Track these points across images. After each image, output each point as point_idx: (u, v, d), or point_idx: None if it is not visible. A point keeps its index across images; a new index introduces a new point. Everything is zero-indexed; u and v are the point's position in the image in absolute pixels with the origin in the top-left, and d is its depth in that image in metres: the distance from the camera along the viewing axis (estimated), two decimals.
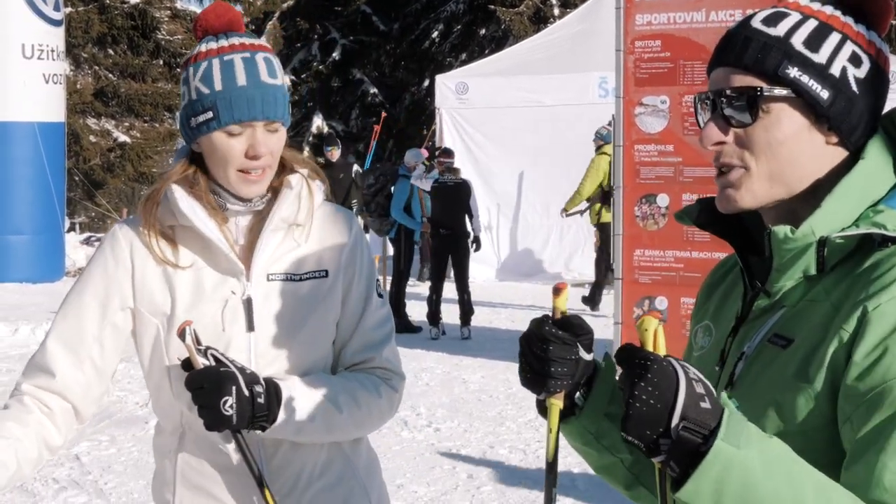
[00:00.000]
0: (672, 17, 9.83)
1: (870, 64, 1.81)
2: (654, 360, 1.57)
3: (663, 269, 10.07)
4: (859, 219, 1.78)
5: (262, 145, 2.53)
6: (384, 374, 2.72)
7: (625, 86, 10.05)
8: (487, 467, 7.85)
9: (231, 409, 2.37)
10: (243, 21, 2.66)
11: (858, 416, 1.64)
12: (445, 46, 33.77)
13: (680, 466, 1.56)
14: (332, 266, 2.67)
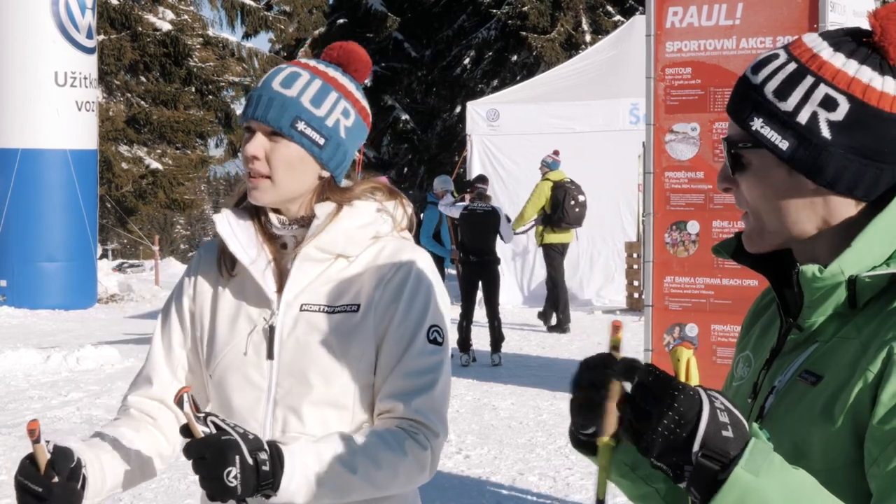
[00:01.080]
0: (702, 45, 9.81)
1: (849, 104, 1.75)
2: (683, 389, 1.58)
3: (693, 297, 10.02)
4: (891, 258, 1.77)
5: (251, 146, 2.53)
6: (412, 428, 2.51)
7: (655, 113, 10.03)
8: (517, 494, 7.83)
9: (235, 479, 2.24)
10: (358, 64, 2.64)
11: (885, 456, 1.64)
12: (477, 73, 33.86)
13: (700, 493, 1.57)
14: (366, 301, 2.55)
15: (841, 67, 1.76)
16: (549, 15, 31.51)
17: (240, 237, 2.60)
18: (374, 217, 2.62)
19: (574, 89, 19.18)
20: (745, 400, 1.95)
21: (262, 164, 2.53)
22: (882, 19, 1.76)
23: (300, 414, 2.53)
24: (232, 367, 2.56)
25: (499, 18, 32.67)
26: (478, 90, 31.80)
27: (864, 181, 1.78)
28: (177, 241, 63.17)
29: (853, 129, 1.76)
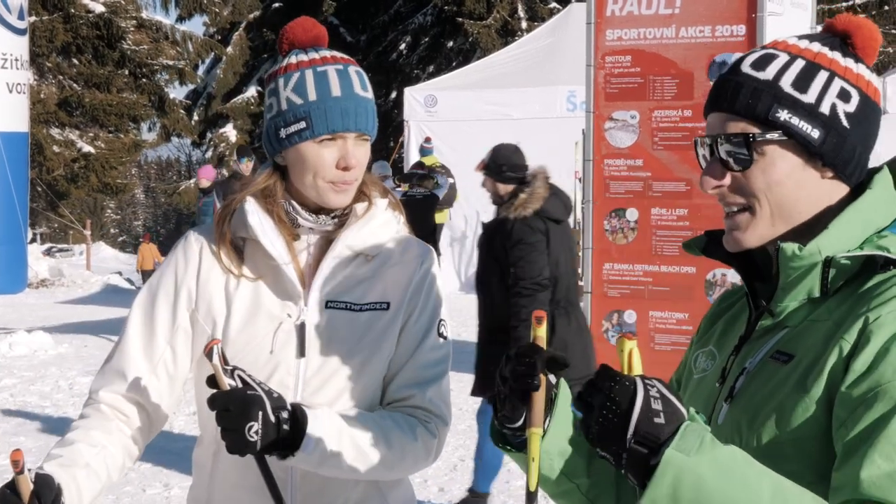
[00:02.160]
0: (642, 33, 9.87)
1: (859, 97, 1.87)
2: (619, 380, 1.67)
3: (632, 283, 10.09)
4: (864, 243, 1.85)
5: (353, 156, 2.51)
6: (424, 416, 2.59)
7: (595, 100, 10.08)
8: (458, 481, 7.85)
9: (256, 434, 2.27)
10: (327, 37, 2.66)
11: (852, 419, 1.70)
12: (413, 58, 33.83)
13: (637, 478, 1.66)
14: (396, 299, 2.59)
15: (845, 64, 1.89)
16: (486, 1, 31.55)
17: (266, 229, 2.56)
18: (390, 216, 2.66)
19: (512, 76, 19.21)
20: (713, 385, 2.01)
21: (358, 171, 2.55)
22: (846, 23, 1.92)
23: None
24: (256, 366, 2.51)
25: (435, 4, 32.66)
26: (413, 76, 31.78)
27: (860, 167, 1.90)
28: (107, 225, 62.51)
29: (862, 120, 1.88)
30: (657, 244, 9.88)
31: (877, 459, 1.65)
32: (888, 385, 1.68)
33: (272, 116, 2.55)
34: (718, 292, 9.52)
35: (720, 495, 1.60)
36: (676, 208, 9.84)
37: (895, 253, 1.82)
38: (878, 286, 1.80)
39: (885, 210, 1.89)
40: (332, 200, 2.55)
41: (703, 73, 9.50)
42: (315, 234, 2.61)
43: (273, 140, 2.55)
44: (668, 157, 9.79)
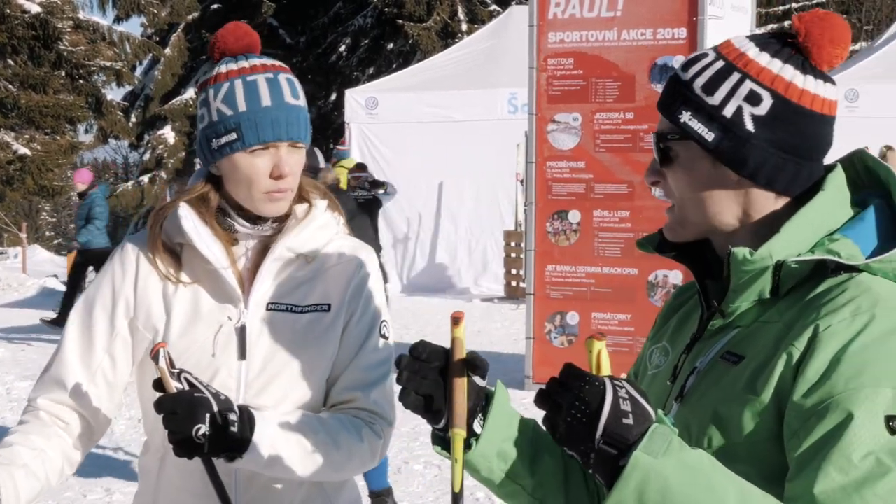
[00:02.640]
0: (584, 36, 9.94)
1: (772, 100, 1.85)
2: (589, 380, 1.67)
3: (574, 285, 10.16)
4: (815, 246, 1.85)
5: (286, 165, 2.49)
6: (369, 418, 2.58)
7: (538, 103, 10.14)
8: (402, 483, 7.83)
9: (203, 437, 2.27)
10: (259, 43, 2.63)
11: (804, 429, 1.71)
12: (353, 60, 33.76)
13: (604, 478, 1.66)
14: (337, 300, 2.59)
15: (765, 65, 1.87)
16: (426, 3, 31.56)
17: (202, 234, 2.55)
18: (329, 217, 2.65)
19: (453, 78, 19.26)
20: (665, 383, 2.02)
21: (293, 179, 2.53)
22: (806, 22, 1.87)
23: None
24: (198, 370, 2.48)
25: (375, 6, 32.62)
26: (353, 78, 31.72)
27: (783, 175, 1.87)
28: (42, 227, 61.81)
29: (775, 124, 1.85)
30: (599, 246, 9.95)
31: (831, 472, 1.66)
32: (840, 396, 1.69)
33: (204, 127, 2.54)
34: (660, 294, 9.60)
35: (685, 499, 1.61)
36: (618, 210, 9.91)
37: (846, 257, 1.82)
38: (829, 292, 1.81)
39: (836, 211, 1.88)
40: (268, 209, 2.54)
41: (645, 76, 9.58)
42: (254, 238, 2.60)
43: (206, 151, 2.54)
44: (610, 160, 9.87)
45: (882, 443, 1.66)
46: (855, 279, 1.81)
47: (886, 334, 1.73)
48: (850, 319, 1.75)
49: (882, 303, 1.76)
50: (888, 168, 1.92)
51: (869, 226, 1.87)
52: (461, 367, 1.93)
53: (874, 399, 1.68)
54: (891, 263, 1.82)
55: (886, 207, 1.90)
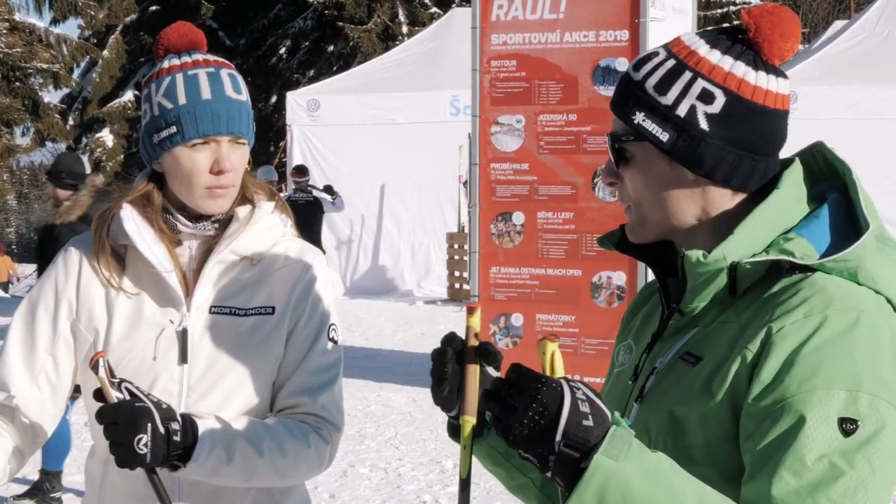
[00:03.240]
0: (527, 38, 9.95)
1: (725, 98, 1.84)
2: (546, 382, 1.64)
3: (519, 287, 10.16)
4: (770, 245, 1.84)
5: (227, 160, 2.46)
6: (316, 423, 2.54)
7: (481, 105, 10.13)
8: (349, 487, 7.82)
9: (145, 447, 2.23)
10: (205, 41, 2.61)
11: (759, 431, 1.70)
12: (293, 63, 33.64)
13: (564, 481, 1.63)
14: (281, 303, 2.55)
15: (717, 63, 1.85)
16: (366, 6, 31.53)
17: (145, 236, 2.52)
18: (275, 219, 2.61)
19: (395, 81, 19.26)
20: (626, 382, 2.01)
21: (234, 174, 2.50)
22: (756, 17, 1.86)
23: None
24: (139, 374, 2.46)
25: (315, 8, 32.53)
26: (294, 80, 31.61)
27: (739, 172, 1.87)
28: None
29: (729, 121, 1.84)
30: (543, 247, 9.96)
31: (785, 476, 1.65)
32: (793, 399, 1.68)
33: (146, 123, 2.51)
34: (604, 295, 9.63)
35: (646, 502, 1.60)
36: (562, 212, 9.92)
37: (800, 256, 1.81)
38: (783, 292, 1.80)
39: (792, 209, 1.87)
40: (209, 206, 2.51)
41: (588, 78, 9.60)
42: (197, 239, 2.57)
43: (147, 146, 2.52)
44: (553, 161, 9.88)
45: (835, 445, 1.66)
46: (809, 279, 1.80)
47: (839, 335, 1.72)
48: (802, 321, 1.74)
49: (835, 303, 1.75)
50: (845, 163, 1.91)
51: (823, 224, 1.86)
52: (473, 354, 1.92)
53: (827, 401, 1.67)
54: (844, 263, 1.80)
55: (843, 202, 1.88)
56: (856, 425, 1.67)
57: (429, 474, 8.13)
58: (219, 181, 2.48)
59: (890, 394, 1.70)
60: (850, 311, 1.74)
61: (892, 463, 1.70)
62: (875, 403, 1.69)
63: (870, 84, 18.16)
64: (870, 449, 1.67)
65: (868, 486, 1.66)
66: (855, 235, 1.82)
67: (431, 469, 8.25)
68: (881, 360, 1.72)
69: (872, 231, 1.82)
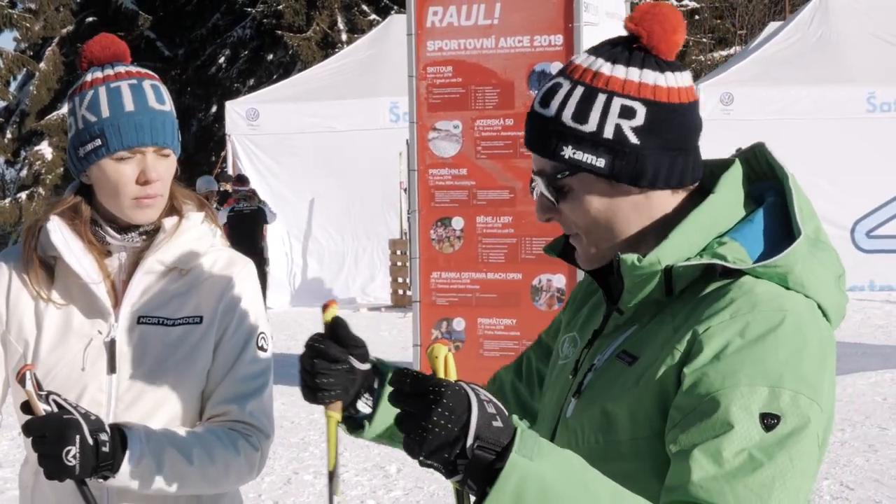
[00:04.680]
0: (463, 44, 10.01)
1: (646, 108, 1.87)
2: (448, 386, 1.62)
3: (460, 291, 10.21)
4: (705, 249, 1.88)
5: (153, 170, 2.50)
6: (245, 430, 2.58)
7: (418, 111, 10.18)
8: (292, 494, 7.82)
9: (74, 458, 2.24)
10: (129, 53, 2.64)
11: (684, 423, 1.75)
12: (233, 72, 33.52)
13: (478, 484, 1.61)
14: (208, 313, 2.58)
15: (626, 77, 1.88)
16: (305, 14, 31.48)
17: (73, 248, 2.54)
18: (205, 229, 2.65)
19: (333, 88, 19.24)
20: (567, 377, 2.05)
21: (160, 184, 2.53)
22: (642, 22, 1.90)
23: None
24: (67, 384, 2.50)
25: (254, 17, 32.44)
26: (234, 89, 31.50)
27: (676, 171, 1.91)
28: None
29: (655, 128, 1.88)
30: (483, 252, 10.02)
31: (705, 464, 1.69)
32: (717, 393, 1.73)
33: (72, 136, 2.55)
34: (545, 297, 9.70)
35: (563, 498, 1.60)
36: (501, 216, 10.00)
37: (732, 261, 1.85)
38: (713, 294, 1.85)
39: (728, 212, 1.92)
40: (137, 216, 2.55)
41: (524, 83, 9.68)
42: (126, 250, 2.60)
43: (74, 159, 2.55)
44: (491, 166, 9.94)
45: (756, 439, 1.70)
46: (738, 282, 1.84)
47: (763, 335, 1.77)
48: (729, 321, 1.79)
49: (760, 305, 1.80)
50: (784, 169, 1.95)
51: (758, 228, 1.90)
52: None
53: (750, 397, 1.72)
54: (775, 268, 1.84)
55: (780, 205, 1.93)
56: (777, 420, 1.72)
57: (372, 479, 8.15)
58: (146, 191, 2.51)
59: (812, 391, 1.75)
60: (775, 312, 1.79)
61: (811, 457, 1.75)
62: (796, 400, 1.74)
63: (804, 84, 18.40)
64: (789, 443, 1.71)
65: (786, 479, 1.70)
66: (789, 240, 1.86)
67: (375, 474, 8.27)
68: (804, 359, 1.77)
69: (805, 237, 1.87)
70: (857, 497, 7.41)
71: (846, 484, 7.70)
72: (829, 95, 18.19)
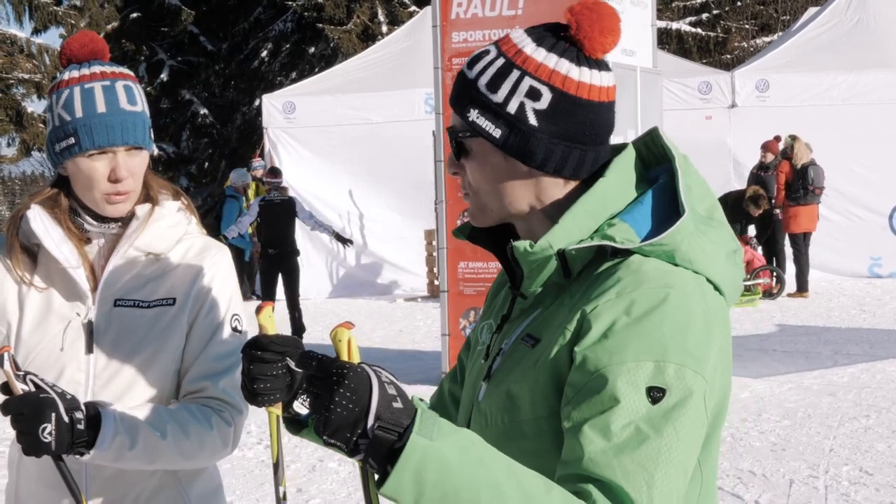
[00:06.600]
0: (487, 35, 10.07)
1: (551, 94, 1.94)
2: (350, 368, 1.67)
3: (487, 281, 10.28)
4: (596, 231, 1.95)
5: (123, 168, 2.64)
6: (218, 406, 2.69)
7: (444, 102, 10.25)
8: (317, 481, 7.93)
9: (50, 435, 2.36)
10: (108, 50, 2.76)
11: (575, 399, 1.82)
12: (275, 65, 33.69)
13: (379, 463, 1.66)
14: (181, 295, 2.72)
15: (542, 61, 1.95)
16: (345, 6, 31.58)
17: (52, 235, 2.69)
18: (180, 217, 2.79)
19: (370, 80, 19.32)
20: (481, 362, 2.13)
21: (130, 181, 2.66)
22: (577, 15, 1.96)
23: (117, 405, 2.61)
24: (47, 364, 2.65)
25: (295, 11, 32.59)
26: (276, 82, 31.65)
27: (569, 162, 1.98)
28: None
29: (556, 116, 1.95)
30: None
31: (595, 438, 1.76)
32: (605, 369, 1.79)
33: (49, 131, 2.69)
34: None
35: (463, 476, 1.66)
36: None
37: (620, 241, 1.91)
38: (603, 275, 1.91)
39: (618, 195, 1.98)
40: (108, 210, 2.70)
41: None
42: (105, 237, 2.74)
43: (52, 153, 2.69)
44: None
45: (643, 412, 1.76)
46: (626, 262, 1.90)
47: (648, 311, 1.83)
48: (615, 300, 1.85)
49: (646, 283, 1.86)
50: (671, 150, 2.00)
51: (646, 209, 1.96)
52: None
53: (636, 371, 1.78)
54: (661, 246, 1.90)
55: (671, 186, 1.97)
56: (662, 393, 1.78)
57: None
58: (116, 188, 2.65)
59: (697, 363, 1.81)
60: (659, 289, 1.85)
61: (696, 429, 1.81)
62: (681, 373, 1.79)
63: (840, 70, 18.29)
64: (674, 415, 1.77)
65: (672, 450, 1.76)
66: (676, 219, 1.92)
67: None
68: (689, 332, 1.83)
69: (691, 215, 1.92)
70: (875, 482, 7.42)
71: (865, 469, 7.70)
72: (866, 81, 18.07)
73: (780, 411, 9.54)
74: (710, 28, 35.24)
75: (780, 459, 8.04)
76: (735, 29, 36.14)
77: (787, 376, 11.02)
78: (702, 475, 1.94)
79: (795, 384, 10.64)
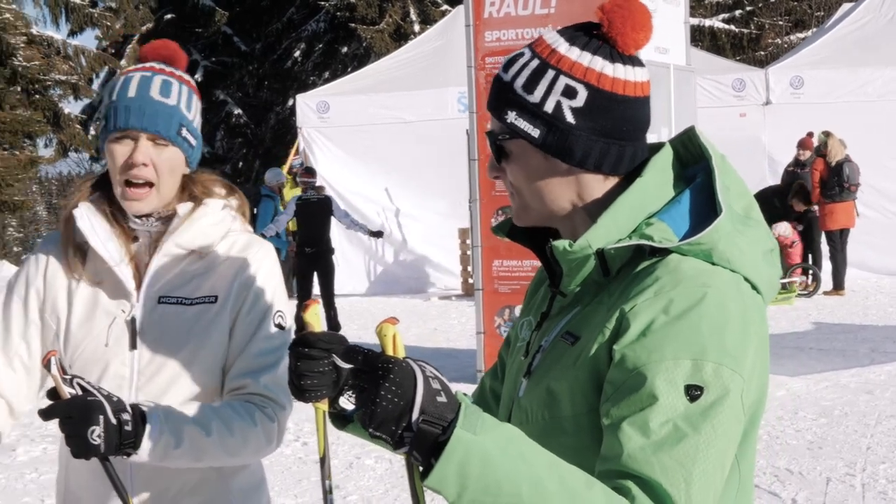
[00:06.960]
0: (520, 34, 10.08)
1: (587, 92, 1.97)
2: (395, 362, 1.70)
3: (521, 279, 10.29)
4: (635, 230, 1.97)
5: (140, 153, 2.67)
6: (261, 402, 2.71)
7: (477, 101, 10.29)
8: (354, 478, 7.97)
9: (98, 438, 2.39)
10: (179, 57, 2.81)
11: (615, 396, 1.84)
12: (308, 65, 33.82)
13: (423, 456, 1.69)
14: (223, 292, 2.76)
15: (576, 59, 1.98)
16: (378, 6, 31.67)
17: (98, 232, 2.73)
18: (224, 214, 2.82)
19: (403, 79, 19.36)
20: (521, 359, 2.15)
21: (149, 170, 2.69)
22: (608, 12, 1.99)
23: (161, 401, 2.66)
24: (93, 359, 2.70)
25: (327, 10, 32.70)
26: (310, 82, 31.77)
27: (608, 158, 2.00)
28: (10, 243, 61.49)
29: (593, 113, 1.98)
30: None
31: (633, 435, 1.78)
32: (643, 367, 1.82)
33: None
34: None
35: (504, 470, 1.68)
36: None
37: (658, 240, 1.93)
38: (641, 274, 1.94)
39: (656, 194, 1.99)
40: (126, 206, 2.74)
41: None
42: (149, 235, 2.78)
43: (100, 140, 2.75)
44: None
45: (681, 410, 1.79)
46: (664, 261, 1.92)
47: (686, 310, 1.85)
48: (653, 298, 1.87)
49: (685, 282, 1.88)
50: (708, 149, 2.02)
51: (684, 208, 1.97)
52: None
53: (674, 370, 1.80)
54: (699, 245, 1.92)
55: (709, 185, 1.99)
56: (700, 391, 1.80)
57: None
58: (130, 173, 2.67)
59: (734, 362, 1.83)
60: (697, 288, 1.87)
61: (733, 426, 1.83)
62: (719, 371, 1.81)
63: (875, 66, 18.18)
64: (712, 413, 1.79)
65: (710, 448, 1.78)
66: (714, 218, 1.93)
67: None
68: (727, 331, 1.85)
69: (729, 214, 1.94)
70: None
71: None
72: None
73: (817, 409, 9.51)
74: (744, 25, 35.10)
75: (816, 457, 8.02)
76: (769, 25, 35.98)
77: (824, 374, 10.97)
78: (739, 473, 1.96)
79: (832, 382, 10.59)
